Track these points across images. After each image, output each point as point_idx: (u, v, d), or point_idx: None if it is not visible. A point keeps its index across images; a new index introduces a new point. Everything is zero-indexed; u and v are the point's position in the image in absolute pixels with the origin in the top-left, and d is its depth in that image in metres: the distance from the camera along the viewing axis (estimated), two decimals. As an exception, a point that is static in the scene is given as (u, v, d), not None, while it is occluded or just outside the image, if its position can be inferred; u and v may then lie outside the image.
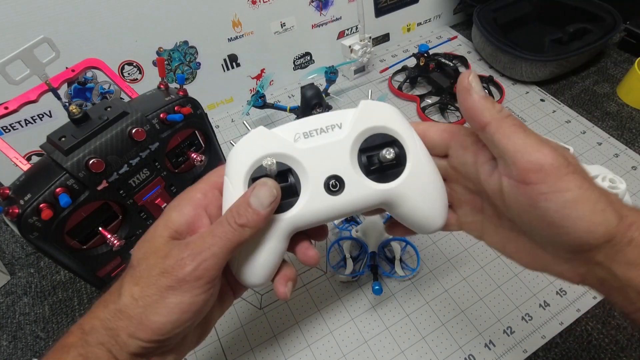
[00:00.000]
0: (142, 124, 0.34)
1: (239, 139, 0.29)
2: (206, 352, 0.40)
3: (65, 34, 0.47)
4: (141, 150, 0.35)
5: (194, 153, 0.40)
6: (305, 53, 0.67)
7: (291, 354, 0.39)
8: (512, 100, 0.62)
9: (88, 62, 0.39)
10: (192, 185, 0.28)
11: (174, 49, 0.55)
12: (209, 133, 0.42)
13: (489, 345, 0.39)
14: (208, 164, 0.43)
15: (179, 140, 0.39)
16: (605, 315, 0.40)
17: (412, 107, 0.62)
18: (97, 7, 0.47)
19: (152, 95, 0.37)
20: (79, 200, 0.32)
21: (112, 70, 0.40)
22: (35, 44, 0.33)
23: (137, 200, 0.37)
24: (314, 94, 0.52)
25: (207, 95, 0.62)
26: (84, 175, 0.31)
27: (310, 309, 0.42)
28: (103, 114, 0.33)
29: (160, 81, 0.38)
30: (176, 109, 0.37)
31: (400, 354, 0.39)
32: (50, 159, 0.31)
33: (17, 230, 0.30)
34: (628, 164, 0.52)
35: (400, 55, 0.72)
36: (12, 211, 0.29)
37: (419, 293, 0.42)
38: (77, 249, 0.34)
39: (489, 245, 0.28)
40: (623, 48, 0.69)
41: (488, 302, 0.42)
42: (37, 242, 0.31)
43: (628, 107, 0.60)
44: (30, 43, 0.32)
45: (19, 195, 0.30)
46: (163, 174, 0.38)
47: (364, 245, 0.45)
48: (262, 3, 0.58)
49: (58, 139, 0.32)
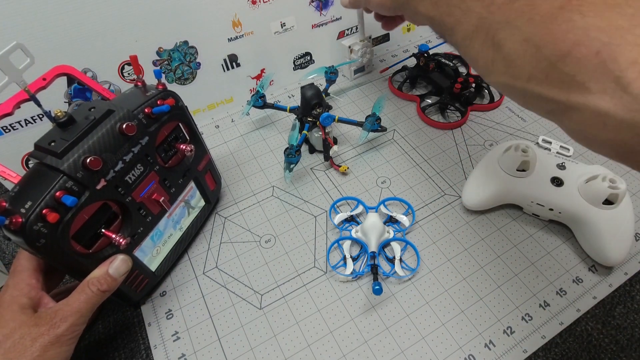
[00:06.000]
0: (130, 120, 0.34)
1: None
2: (206, 352, 0.40)
3: (66, 34, 0.47)
4: (133, 145, 0.35)
5: (182, 144, 0.40)
6: (305, 53, 0.67)
7: (291, 354, 0.39)
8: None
9: (59, 69, 0.39)
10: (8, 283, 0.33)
11: (174, 49, 0.55)
12: (192, 125, 0.43)
13: (489, 345, 0.39)
14: (196, 155, 0.44)
15: (165, 134, 0.39)
16: (605, 315, 0.40)
17: (412, 107, 0.62)
18: (97, 7, 0.47)
19: (132, 93, 0.38)
20: (81, 202, 0.32)
21: (85, 75, 0.40)
22: (9, 51, 0.32)
23: (135, 197, 0.37)
24: (314, 94, 0.52)
25: (207, 95, 0.62)
26: (82, 175, 0.31)
27: (310, 309, 0.42)
28: (88, 114, 0.34)
29: (136, 79, 0.38)
30: (159, 103, 0.37)
31: (400, 354, 0.39)
32: (43, 165, 0.31)
33: (22, 240, 0.29)
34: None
35: (400, 55, 0.72)
36: (15, 221, 0.28)
37: (419, 293, 0.42)
38: (84, 254, 0.34)
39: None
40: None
41: (488, 302, 0.42)
42: (45, 249, 0.30)
43: (628, 107, 0.60)
44: (4, 50, 0.32)
45: (18, 205, 0.29)
46: (156, 168, 0.38)
47: (364, 245, 0.45)
48: (262, 3, 0.58)
49: (48, 144, 0.32)
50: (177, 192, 0.43)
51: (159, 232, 0.42)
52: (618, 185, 0.41)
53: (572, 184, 0.44)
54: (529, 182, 0.45)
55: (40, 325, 0.30)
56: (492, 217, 0.48)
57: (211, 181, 0.48)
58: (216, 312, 0.42)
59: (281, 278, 0.44)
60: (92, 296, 0.32)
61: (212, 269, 0.46)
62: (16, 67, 0.33)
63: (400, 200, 0.50)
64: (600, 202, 0.42)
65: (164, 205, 0.40)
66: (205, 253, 0.47)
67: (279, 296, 0.43)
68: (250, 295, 0.43)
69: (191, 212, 0.46)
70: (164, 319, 0.42)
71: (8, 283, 0.33)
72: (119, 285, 0.34)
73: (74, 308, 0.31)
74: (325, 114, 0.51)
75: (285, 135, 0.59)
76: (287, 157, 0.49)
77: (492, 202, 0.47)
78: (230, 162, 0.57)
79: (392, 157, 0.55)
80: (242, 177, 0.55)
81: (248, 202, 0.52)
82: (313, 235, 0.48)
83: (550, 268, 0.44)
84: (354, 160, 0.56)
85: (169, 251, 0.44)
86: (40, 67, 0.38)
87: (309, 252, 0.46)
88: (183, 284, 0.45)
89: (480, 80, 0.61)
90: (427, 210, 0.49)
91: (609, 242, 0.41)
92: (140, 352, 0.40)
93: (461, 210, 0.49)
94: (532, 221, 0.48)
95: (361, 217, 0.49)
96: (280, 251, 0.47)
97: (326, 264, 0.45)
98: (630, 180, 0.51)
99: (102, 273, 0.33)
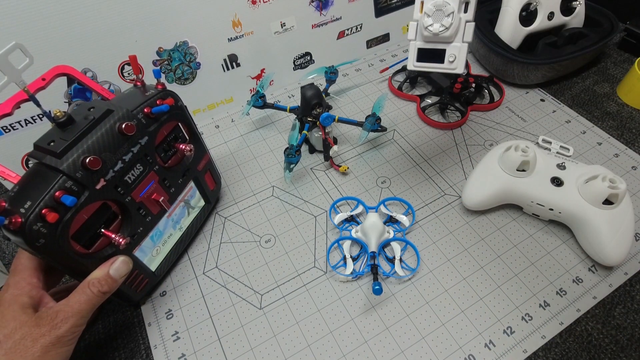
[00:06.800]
0: (129, 119, 0.34)
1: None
2: (206, 352, 0.40)
3: (66, 34, 0.47)
4: (132, 145, 0.35)
5: (182, 144, 0.40)
6: (305, 53, 0.67)
7: (291, 354, 0.39)
8: (512, 100, 0.62)
9: (58, 70, 0.39)
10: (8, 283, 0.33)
11: (174, 49, 0.55)
12: (192, 125, 0.43)
13: (489, 345, 0.39)
14: (196, 154, 0.44)
15: (165, 134, 0.39)
16: (605, 315, 0.40)
17: (412, 107, 0.62)
18: (97, 7, 0.47)
19: (131, 93, 0.38)
20: (80, 201, 0.32)
21: (84, 75, 0.40)
22: (8, 51, 0.32)
23: (134, 197, 0.37)
24: (314, 94, 0.52)
25: (207, 95, 0.62)
26: (81, 175, 0.31)
27: (310, 309, 0.42)
28: (88, 114, 0.34)
29: (135, 79, 0.38)
30: (158, 102, 0.37)
31: (400, 354, 0.39)
32: (42, 165, 0.31)
33: (21, 240, 0.29)
34: (628, 164, 0.52)
35: (400, 55, 0.72)
36: (14, 221, 0.29)
37: (419, 293, 0.42)
38: (83, 254, 0.34)
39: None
40: (623, 48, 0.69)
41: (488, 302, 0.42)
42: (44, 249, 0.30)
43: (628, 107, 0.60)
44: (3, 50, 0.32)
45: (18, 205, 0.29)
46: (155, 168, 0.38)
47: (364, 245, 0.45)
48: (262, 3, 0.58)
49: (47, 144, 0.32)
50: (177, 192, 0.42)
51: (159, 232, 0.42)
52: (618, 185, 0.41)
53: (572, 184, 0.44)
54: (529, 182, 0.45)
55: (41, 326, 0.30)
56: (492, 217, 0.48)
57: (211, 181, 0.48)
58: (216, 312, 0.42)
59: (281, 278, 0.44)
60: (92, 297, 0.32)
61: (212, 269, 0.46)
62: (15, 67, 0.33)
63: (400, 200, 0.50)
64: (600, 202, 0.42)
65: (163, 205, 0.40)
66: (205, 253, 0.47)
67: (279, 296, 0.43)
68: (250, 295, 0.43)
69: (191, 212, 0.46)
70: (164, 319, 0.42)
71: (9, 282, 0.33)
72: (119, 286, 0.35)
73: (75, 309, 0.31)
74: (325, 114, 0.51)
75: (285, 135, 0.59)
76: (287, 157, 0.49)
77: (492, 202, 0.47)
78: (230, 162, 0.57)
79: (392, 157, 0.55)
80: (242, 177, 0.55)
81: (248, 202, 0.52)
82: (313, 235, 0.48)
83: (550, 268, 0.44)
84: (354, 160, 0.56)
85: (169, 251, 0.44)
86: (40, 67, 0.38)
87: (309, 252, 0.46)
88: (183, 284, 0.45)
89: (480, 80, 0.61)
90: (427, 210, 0.49)
91: (609, 242, 0.41)
92: (140, 352, 0.40)
93: (461, 210, 0.49)
94: (532, 221, 0.48)
95: (361, 217, 0.49)
96: (280, 251, 0.47)
97: (326, 264, 0.45)
98: (630, 180, 0.51)
99: (102, 274, 0.34)
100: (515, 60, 0.60)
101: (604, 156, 0.54)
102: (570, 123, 0.58)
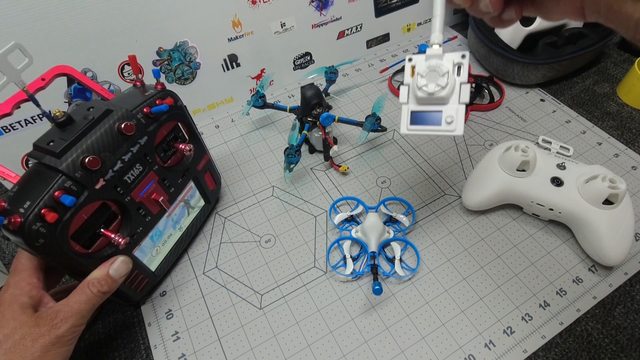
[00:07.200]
0: (128, 119, 0.34)
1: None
2: (206, 352, 0.40)
3: (66, 34, 0.47)
4: (131, 145, 0.35)
5: (181, 144, 0.40)
6: (305, 53, 0.67)
7: (291, 354, 0.39)
8: (512, 100, 0.62)
9: (58, 70, 0.39)
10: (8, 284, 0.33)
11: (174, 49, 0.55)
12: (191, 125, 0.43)
13: (489, 345, 0.39)
14: (196, 154, 0.44)
15: (164, 134, 0.39)
16: (605, 315, 0.40)
17: (412, 107, 0.62)
18: (97, 7, 0.47)
19: (131, 93, 0.38)
20: (80, 201, 0.32)
21: (84, 75, 0.40)
22: (7, 51, 0.32)
23: (134, 197, 0.37)
24: (314, 94, 0.52)
25: (207, 95, 0.62)
26: (81, 175, 0.31)
27: (310, 309, 0.42)
28: (87, 114, 0.34)
29: (135, 79, 0.38)
30: (158, 102, 0.37)
31: (400, 354, 0.39)
32: (42, 165, 0.31)
33: (21, 240, 0.29)
34: (628, 164, 0.52)
35: (400, 55, 0.72)
36: (14, 221, 0.29)
37: (419, 293, 0.42)
38: (83, 253, 0.34)
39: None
40: (623, 48, 0.69)
41: (488, 302, 0.42)
42: (44, 249, 0.30)
43: (628, 107, 0.60)
44: (2, 50, 0.32)
45: (17, 205, 0.29)
46: (155, 168, 0.38)
47: (364, 245, 0.45)
48: (262, 3, 0.58)
49: (46, 144, 0.32)
50: (177, 192, 0.42)
51: (159, 232, 0.42)
52: (618, 185, 0.41)
53: (572, 184, 0.44)
54: (529, 182, 0.45)
55: (40, 326, 0.30)
56: (492, 217, 0.48)
57: (211, 181, 0.48)
58: (216, 312, 0.42)
59: (281, 278, 0.44)
60: (92, 297, 0.32)
61: (212, 269, 0.46)
62: (14, 67, 0.33)
63: (400, 200, 0.50)
64: (600, 202, 0.42)
65: (163, 205, 0.40)
66: (205, 253, 0.47)
67: (279, 296, 0.43)
68: (250, 295, 0.43)
69: (191, 211, 0.46)
70: (164, 319, 0.42)
71: (9, 282, 0.33)
72: (118, 286, 0.34)
73: (75, 309, 0.32)
74: (325, 114, 0.51)
75: (285, 135, 0.59)
76: (287, 157, 0.49)
77: (492, 202, 0.47)
78: (230, 162, 0.57)
79: (392, 157, 0.55)
80: (242, 177, 0.55)
81: (248, 202, 0.52)
82: (313, 235, 0.48)
83: (550, 268, 0.44)
84: (354, 160, 0.56)
85: (169, 251, 0.44)
86: (40, 67, 0.38)
87: (309, 252, 0.46)
88: (183, 284, 0.45)
89: (480, 80, 0.61)
90: (427, 210, 0.49)
91: (609, 242, 0.41)
92: (140, 352, 0.40)
93: (461, 210, 0.49)
94: (532, 221, 0.48)
95: (361, 217, 0.49)
96: (280, 251, 0.47)
97: (326, 264, 0.45)
98: (630, 180, 0.51)
99: (102, 274, 0.34)
100: (516, 60, 0.60)
101: (604, 156, 0.53)
102: (570, 123, 0.58)
